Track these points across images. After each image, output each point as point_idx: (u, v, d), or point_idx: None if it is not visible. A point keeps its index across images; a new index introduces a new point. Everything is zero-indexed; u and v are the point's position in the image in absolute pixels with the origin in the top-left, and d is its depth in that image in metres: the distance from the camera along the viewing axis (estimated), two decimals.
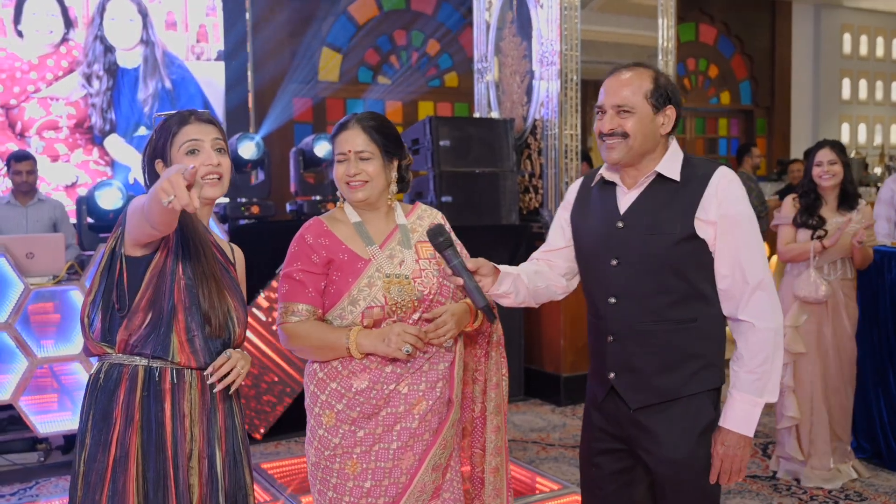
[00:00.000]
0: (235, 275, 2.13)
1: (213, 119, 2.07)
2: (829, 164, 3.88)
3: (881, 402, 4.21)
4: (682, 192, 2.09)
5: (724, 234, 2.05)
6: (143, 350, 1.92)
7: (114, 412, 1.90)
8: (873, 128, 11.26)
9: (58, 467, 4.38)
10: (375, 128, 2.20)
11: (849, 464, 4.04)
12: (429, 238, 2.08)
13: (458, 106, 8.45)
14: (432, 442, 2.19)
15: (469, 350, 2.36)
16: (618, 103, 2.08)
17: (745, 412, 2.06)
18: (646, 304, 2.09)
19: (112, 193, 5.16)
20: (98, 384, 1.94)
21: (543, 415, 5.28)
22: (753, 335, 2.05)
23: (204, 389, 1.97)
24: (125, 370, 1.92)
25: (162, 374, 1.93)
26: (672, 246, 2.06)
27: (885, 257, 4.17)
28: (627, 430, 2.16)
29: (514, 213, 5.60)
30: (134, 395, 1.91)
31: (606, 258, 2.13)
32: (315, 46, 7.79)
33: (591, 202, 2.24)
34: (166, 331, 1.91)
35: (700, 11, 9.87)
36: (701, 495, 2.13)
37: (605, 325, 2.14)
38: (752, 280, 2.05)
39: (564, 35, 5.45)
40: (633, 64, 2.15)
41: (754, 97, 10.45)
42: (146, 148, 2.06)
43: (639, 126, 2.07)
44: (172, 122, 2.02)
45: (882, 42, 11.28)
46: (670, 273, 2.08)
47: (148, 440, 1.90)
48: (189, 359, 1.95)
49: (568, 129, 5.52)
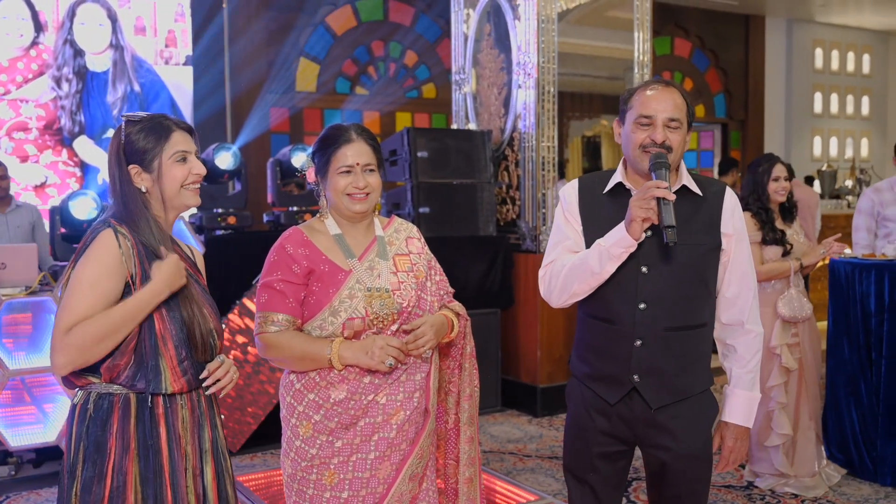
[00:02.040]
0: (202, 279, 2.12)
1: (192, 129, 2.07)
2: (784, 180, 3.99)
3: (853, 412, 4.26)
4: (704, 205, 2.23)
5: (736, 246, 2.25)
6: (135, 385, 1.88)
7: (108, 442, 1.86)
8: (844, 141, 11.43)
9: (29, 481, 4.31)
10: (374, 140, 2.27)
11: (826, 467, 4.12)
12: (651, 161, 2.11)
13: (436, 117, 8.47)
14: (409, 452, 2.20)
15: (442, 362, 2.37)
16: (671, 116, 2.16)
17: (748, 406, 2.28)
18: (674, 310, 2.21)
19: (85, 203, 5.11)
20: (87, 414, 1.88)
21: (520, 426, 5.28)
22: (751, 339, 2.27)
23: (193, 406, 1.96)
24: (115, 399, 1.88)
25: (154, 401, 1.90)
26: (701, 255, 2.21)
27: (856, 269, 4.23)
28: (639, 430, 2.26)
29: (491, 225, 5.62)
30: (128, 423, 1.87)
31: (634, 265, 2.18)
32: (293, 56, 7.78)
33: (603, 208, 2.26)
34: (154, 364, 1.88)
35: (675, 25, 9.99)
36: (705, 483, 2.32)
37: (633, 330, 2.21)
38: (753, 288, 2.27)
39: (542, 48, 5.49)
40: (668, 82, 2.23)
41: (728, 110, 10.57)
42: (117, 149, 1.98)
43: (681, 140, 2.20)
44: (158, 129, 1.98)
45: (853, 57, 11.47)
46: (696, 280, 2.22)
47: (146, 467, 1.87)
48: (182, 385, 1.93)
49: (545, 141, 5.55)
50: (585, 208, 2.28)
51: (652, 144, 2.15)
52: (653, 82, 2.22)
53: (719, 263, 2.25)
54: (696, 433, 2.25)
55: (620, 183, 2.25)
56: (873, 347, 4.16)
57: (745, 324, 2.26)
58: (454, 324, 2.30)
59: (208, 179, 5.45)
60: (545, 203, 5.53)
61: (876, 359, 4.15)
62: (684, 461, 2.24)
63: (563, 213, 2.32)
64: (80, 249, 1.92)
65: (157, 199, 1.99)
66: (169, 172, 1.97)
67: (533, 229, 5.58)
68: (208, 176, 5.43)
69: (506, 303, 5.66)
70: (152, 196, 1.99)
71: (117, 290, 1.87)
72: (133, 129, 1.98)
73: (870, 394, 4.19)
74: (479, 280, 5.52)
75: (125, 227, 1.92)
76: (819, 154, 11.09)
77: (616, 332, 2.23)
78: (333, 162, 2.21)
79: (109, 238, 1.88)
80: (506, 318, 5.68)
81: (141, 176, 1.97)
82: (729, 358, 2.30)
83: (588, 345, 2.33)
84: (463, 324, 2.35)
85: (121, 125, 2.00)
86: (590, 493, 2.32)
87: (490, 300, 5.56)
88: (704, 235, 2.20)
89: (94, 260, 1.87)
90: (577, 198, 2.30)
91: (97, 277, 1.85)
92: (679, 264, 2.18)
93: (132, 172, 1.97)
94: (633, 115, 2.19)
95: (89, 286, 1.84)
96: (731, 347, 2.29)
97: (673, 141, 2.16)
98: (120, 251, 1.88)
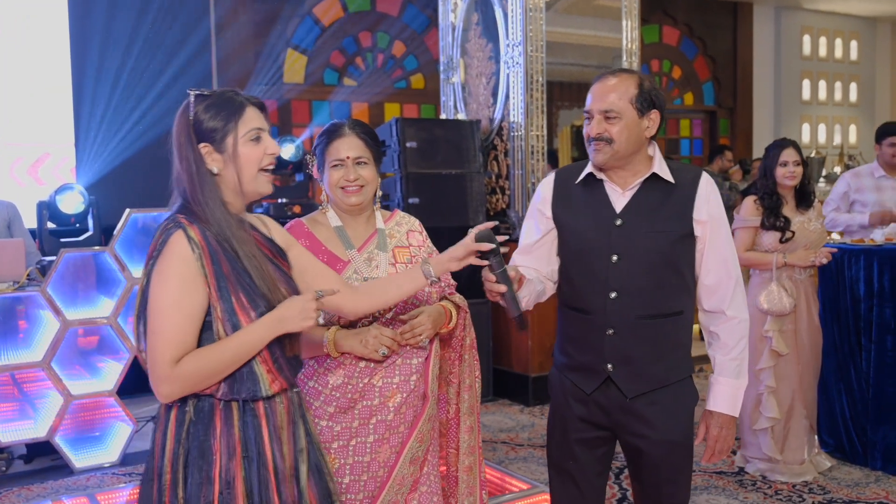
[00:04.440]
0: (286, 266, 1.92)
1: (263, 104, 1.90)
2: (794, 165, 3.93)
3: (843, 397, 4.29)
4: (676, 192, 2.22)
5: (712, 233, 2.22)
6: (235, 396, 1.78)
7: (213, 447, 1.76)
8: (833, 128, 11.46)
9: (20, 477, 4.30)
10: (369, 134, 2.29)
11: (818, 454, 4.14)
12: (479, 240, 2.01)
13: (425, 107, 8.44)
14: (408, 435, 2.26)
15: (443, 353, 2.42)
16: (604, 108, 2.17)
17: (732, 395, 2.25)
18: (645, 298, 2.20)
19: (73, 197, 5.10)
20: (187, 418, 1.77)
21: (512, 415, 5.29)
22: (735, 326, 2.24)
23: (289, 405, 1.86)
24: (216, 402, 1.78)
25: (255, 402, 1.81)
26: (672, 243, 2.20)
27: (845, 255, 4.25)
28: (617, 417, 2.26)
29: (481, 215, 5.61)
30: (232, 427, 1.77)
31: (605, 254, 2.21)
32: (280, 48, 7.74)
33: (576, 199, 2.29)
34: (249, 371, 1.77)
35: (663, 13, 9.98)
36: (685, 471, 2.31)
37: (604, 319, 2.22)
38: (734, 275, 2.24)
39: (529, 36, 5.48)
40: (618, 70, 2.24)
41: (717, 98, 10.58)
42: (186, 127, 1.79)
43: (624, 131, 2.18)
44: (230, 104, 1.81)
45: (840, 44, 11.49)
46: (668, 268, 2.21)
47: (252, 471, 1.78)
48: (281, 384, 1.83)
49: (534, 131, 5.54)
50: (559, 199, 2.31)
51: (590, 138, 2.20)
52: (602, 74, 2.23)
53: (695, 251, 2.23)
54: (673, 421, 2.24)
55: (591, 173, 2.28)
56: (863, 333, 4.18)
57: (727, 311, 2.24)
58: (453, 315, 2.34)
59: None
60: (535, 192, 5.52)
61: (866, 344, 4.17)
62: (661, 448, 2.23)
63: (535, 206, 2.37)
64: (153, 254, 1.77)
65: (229, 184, 1.82)
66: (243, 153, 1.80)
67: (523, 219, 5.58)
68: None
69: None
70: (224, 180, 1.82)
71: (202, 304, 1.74)
72: (202, 105, 1.80)
73: (859, 379, 4.21)
74: (471, 270, 5.50)
75: (195, 226, 1.76)
76: (808, 141, 11.12)
77: (589, 321, 2.25)
78: (327, 156, 2.28)
79: (181, 245, 1.74)
80: (497, 309, 5.68)
81: (213, 156, 1.80)
82: (713, 346, 2.29)
83: (566, 335, 2.35)
84: (463, 316, 2.40)
85: (188, 101, 1.81)
86: (570, 481, 2.33)
87: (481, 290, 5.52)
88: (675, 223, 2.20)
89: (170, 276, 1.73)
90: (551, 191, 2.33)
91: (178, 297, 1.72)
92: (649, 252, 2.19)
93: (203, 152, 1.79)
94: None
95: (175, 308, 1.72)
96: (714, 335, 2.28)
97: (613, 132, 2.17)
98: (193, 256, 1.73)
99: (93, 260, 4.65)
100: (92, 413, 4.68)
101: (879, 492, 3.86)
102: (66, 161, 6.59)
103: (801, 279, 4.00)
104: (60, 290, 4.43)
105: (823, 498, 3.79)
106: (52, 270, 4.31)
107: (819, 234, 3.99)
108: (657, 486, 2.28)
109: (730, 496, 3.82)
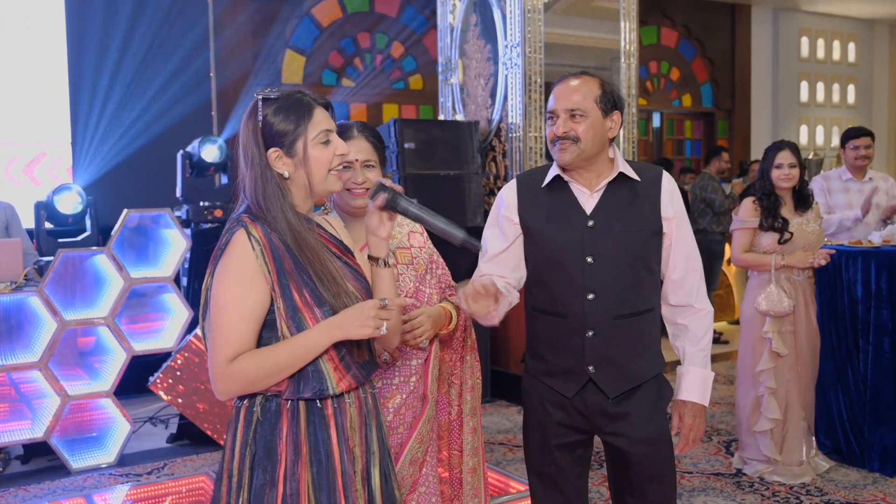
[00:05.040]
0: (355, 263, 1.88)
1: (330, 103, 1.85)
2: (789, 167, 3.94)
3: (840, 398, 4.29)
4: (641, 191, 2.26)
5: (677, 229, 2.28)
6: (302, 395, 1.74)
7: (278, 447, 1.73)
8: (830, 129, 11.47)
9: (17, 477, 4.29)
10: (376, 137, 2.30)
11: (815, 456, 4.14)
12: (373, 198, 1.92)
13: (423, 108, 8.44)
14: (408, 437, 2.26)
15: (444, 354, 2.42)
16: (570, 107, 2.21)
17: (702, 384, 2.29)
18: (622, 297, 2.23)
19: (70, 198, 5.09)
20: (254, 418, 1.74)
21: (510, 416, 5.29)
22: (703, 317, 2.31)
23: (361, 404, 1.82)
24: (283, 401, 1.74)
25: (323, 402, 1.77)
26: (643, 240, 2.24)
27: (843, 256, 4.25)
28: (595, 420, 2.27)
29: (479, 216, 5.60)
30: (298, 427, 1.73)
31: (579, 256, 2.22)
32: (278, 48, 7.74)
33: (542, 203, 2.30)
34: (315, 370, 1.73)
35: (661, 15, 9.99)
36: (668, 467, 2.32)
37: (583, 321, 2.23)
38: (698, 268, 2.31)
39: (528, 38, 5.48)
40: (580, 72, 2.29)
41: (715, 100, 10.59)
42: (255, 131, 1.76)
43: (590, 130, 2.21)
44: (299, 107, 1.77)
45: (838, 46, 11.50)
46: (641, 266, 2.25)
47: (318, 473, 1.74)
48: (349, 382, 1.79)
49: (532, 132, 5.54)
50: (525, 205, 2.31)
51: (556, 138, 2.23)
52: (565, 77, 2.27)
53: (662, 247, 2.28)
54: (651, 417, 2.27)
55: (558, 175, 2.29)
56: (860, 334, 4.18)
57: (695, 304, 2.29)
58: (453, 316, 2.35)
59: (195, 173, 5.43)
60: None
61: (863, 346, 4.17)
62: (643, 446, 2.25)
63: (500, 213, 2.35)
64: (217, 254, 1.75)
65: (300, 186, 1.79)
66: (314, 156, 1.77)
67: None
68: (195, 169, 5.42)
69: None
70: (294, 182, 1.78)
71: (263, 303, 1.72)
72: (270, 108, 1.76)
73: (857, 380, 4.21)
74: (468, 270, 5.50)
75: (258, 226, 1.74)
76: (806, 143, 11.13)
77: (567, 324, 2.25)
78: None
79: (243, 243, 1.72)
80: None
81: (283, 160, 1.77)
82: (680, 338, 2.32)
83: (540, 340, 2.34)
84: (463, 317, 2.40)
85: (256, 104, 1.78)
86: (552, 485, 2.34)
87: None
88: (644, 221, 2.24)
89: (231, 275, 1.71)
90: (515, 197, 2.33)
91: (239, 296, 1.70)
92: (623, 251, 2.22)
93: (273, 157, 1.76)
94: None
95: (234, 307, 1.70)
96: (681, 327, 2.32)
97: (579, 131, 2.20)
98: (254, 255, 1.71)
99: (90, 260, 4.65)
100: (89, 414, 4.68)
101: (877, 493, 3.86)
102: (62, 161, 6.58)
103: (799, 280, 4.00)
104: (57, 290, 4.43)
105: (821, 500, 3.79)
106: (49, 271, 4.30)
107: (817, 236, 4.00)
108: (643, 485, 2.28)
109: (727, 498, 3.82)
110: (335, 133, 1.81)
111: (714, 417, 5.12)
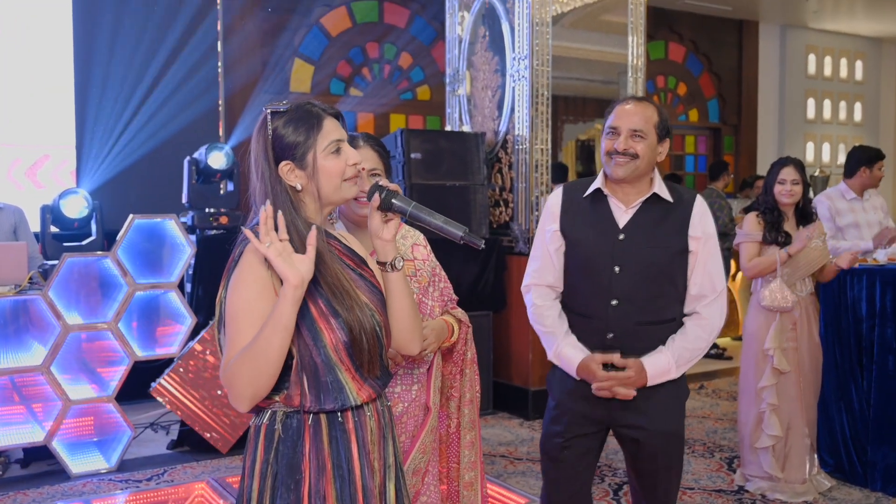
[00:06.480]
0: (369, 274, 1.86)
1: (340, 113, 1.84)
2: (792, 184, 3.95)
3: (843, 416, 4.27)
4: (674, 211, 2.47)
5: (703, 249, 2.47)
6: (324, 407, 1.71)
7: (301, 464, 1.70)
8: (837, 147, 11.46)
9: (17, 481, 4.29)
10: (381, 146, 2.35)
11: (818, 474, 4.11)
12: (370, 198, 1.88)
13: (430, 119, 8.46)
14: (411, 446, 2.27)
15: (444, 367, 2.44)
16: (633, 127, 2.42)
17: (663, 369, 2.44)
18: (644, 306, 2.44)
19: (77, 202, 5.09)
20: (276, 435, 1.71)
21: (512, 428, 5.27)
22: (703, 325, 2.47)
23: (380, 419, 1.80)
24: (305, 417, 1.71)
25: (344, 415, 1.74)
26: (669, 257, 2.45)
27: (847, 274, 4.24)
28: (615, 412, 2.48)
29: (484, 227, 5.61)
30: (321, 442, 1.71)
31: (608, 265, 2.44)
32: (287, 56, 7.76)
33: (582, 213, 2.52)
34: (334, 380, 1.71)
35: (669, 30, 10.00)
36: (678, 461, 2.56)
37: (605, 324, 2.45)
38: (718, 287, 2.48)
39: (536, 51, 5.49)
40: (642, 98, 2.53)
41: (722, 115, 10.59)
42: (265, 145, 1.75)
43: (647, 150, 2.43)
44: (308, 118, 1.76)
45: (845, 63, 11.50)
46: (665, 280, 2.46)
47: (342, 489, 1.71)
48: (369, 393, 1.77)
49: (538, 144, 5.55)
50: (567, 212, 2.53)
51: (615, 152, 2.42)
52: (630, 98, 2.51)
53: (688, 265, 2.47)
54: (668, 414, 2.50)
55: (599, 189, 2.50)
56: (864, 352, 4.17)
57: (702, 311, 2.47)
58: (454, 329, 2.36)
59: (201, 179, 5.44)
60: (538, 206, 5.52)
61: (867, 364, 4.15)
62: (658, 439, 2.47)
63: (543, 219, 2.59)
64: (230, 266, 1.75)
65: (312, 197, 1.77)
66: (325, 167, 1.75)
67: (526, 232, 5.58)
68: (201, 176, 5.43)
69: (498, 305, 5.65)
70: (307, 194, 1.77)
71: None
72: (279, 121, 1.75)
73: (860, 399, 4.19)
74: (472, 282, 5.51)
75: None
76: (812, 159, 11.12)
77: (590, 324, 2.48)
78: None
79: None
80: (498, 321, 5.68)
81: (294, 173, 1.75)
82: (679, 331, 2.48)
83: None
84: (465, 330, 2.42)
85: (265, 117, 1.77)
86: (563, 468, 2.53)
87: (482, 302, 5.55)
88: (672, 239, 2.45)
89: (241, 285, 1.70)
90: (560, 204, 2.55)
91: (248, 303, 1.68)
92: (649, 265, 2.43)
93: (284, 170, 1.74)
94: (605, 126, 2.49)
95: (244, 314, 1.68)
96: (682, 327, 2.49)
97: (639, 149, 2.41)
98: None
99: (95, 265, 4.66)
100: (90, 418, 4.67)
101: None
102: (66, 164, 6.57)
103: (802, 296, 3.99)
104: (62, 294, 4.43)
105: None
106: (54, 274, 4.31)
107: (821, 252, 3.98)
108: (653, 475, 2.52)
109: None
110: (346, 142, 1.79)
111: (716, 433, 5.10)
